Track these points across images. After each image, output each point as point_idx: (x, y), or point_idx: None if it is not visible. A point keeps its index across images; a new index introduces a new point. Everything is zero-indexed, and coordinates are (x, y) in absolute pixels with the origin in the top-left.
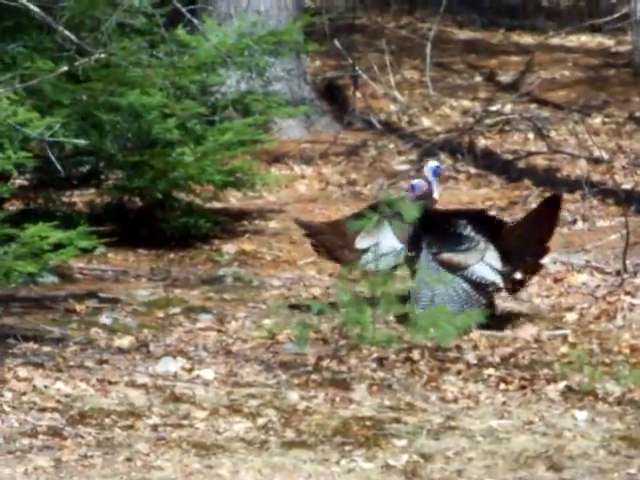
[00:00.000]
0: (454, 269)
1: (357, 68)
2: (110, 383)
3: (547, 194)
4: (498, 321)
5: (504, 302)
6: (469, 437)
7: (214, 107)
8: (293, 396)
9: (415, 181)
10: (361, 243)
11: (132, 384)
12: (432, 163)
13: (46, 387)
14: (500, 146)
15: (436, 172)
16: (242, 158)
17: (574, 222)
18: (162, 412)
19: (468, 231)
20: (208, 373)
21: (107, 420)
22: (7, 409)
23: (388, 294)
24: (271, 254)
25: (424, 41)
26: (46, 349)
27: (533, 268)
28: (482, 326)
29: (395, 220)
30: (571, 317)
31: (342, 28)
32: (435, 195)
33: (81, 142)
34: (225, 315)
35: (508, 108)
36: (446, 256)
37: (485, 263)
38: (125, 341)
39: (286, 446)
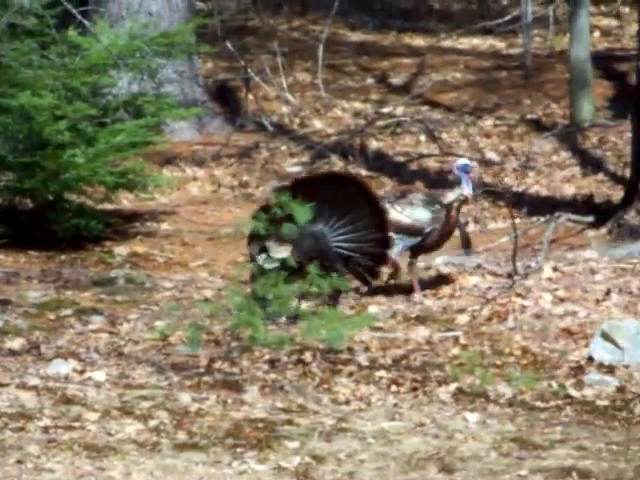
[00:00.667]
0: None
1: (249, 70)
2: (1, 385)
3: None
4: (389, 323)
5: (396, 304)
6: (361, 439)
7: (105, 109)
8: (185, 398)
9: (463, 161)
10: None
11: (23, 386)
12: (462, 160)
13: None
14: (392, 148)
15: (466, 169)
16: (134, 160)
17: (466, 224)
18: (53, 414)
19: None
20: (100, 375)
21: None
22: None
23: (280, 295)
24: (163, 256)
25: (316, 43)
26: None
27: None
28: (374, 328)
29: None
30: (463, 319)
31: (234, 30)
32: (466, 192)
33: None
34: (117, 317)
35: (400, 110)
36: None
37: None
38: (16, 343)
39: (178, 448)
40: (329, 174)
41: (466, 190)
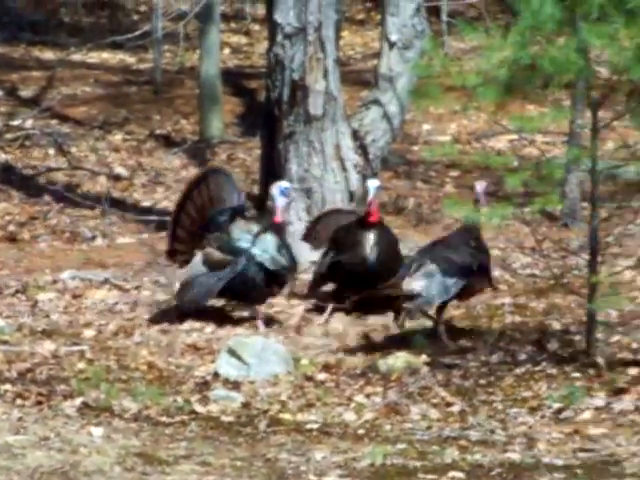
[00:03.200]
0: None
1: None
2: None
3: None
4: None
5: (22, 317)
6: None
7: None
8: None
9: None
10: None
11: None
12: (283, 184)
13: None
14: (20, 161)
15: (285, 193)
16: None
17: (93, 238)
18: None
19: None
20: None
21: None
22: None
23: None
24: None
25: None
26: None
27: None
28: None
29: None
30: (89, 333)
31: None
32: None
33: None
34: None
35: (29, 123)
36: None
37: None
38: None
39: None
40: None
41: (277, 217)
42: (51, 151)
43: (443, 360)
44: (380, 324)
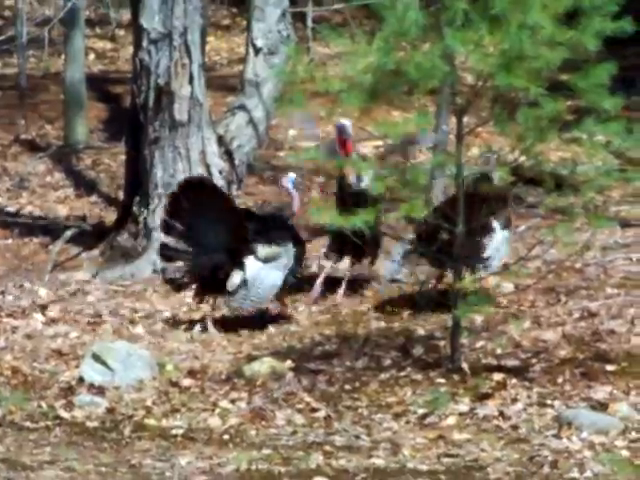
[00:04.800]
0: None
1: None
2: None
3: None
4: None
5: None
6: None
7: None
8: None
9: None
10: None
11: None
12: (291, 175)
13: None
14: None
15: (294, 183)
16: None
17: None
18: None
19: None
20: None
21: None
22: None
23: None
24: None
25: None
26: None
27: None
28: None
29: None
30: None
31: None
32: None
33: None
34: None
35: None
36: None
37: None
38: None
39: None
40: None
41: (296, 208)
42: None
43: (308, 365)
44: (245, 330)
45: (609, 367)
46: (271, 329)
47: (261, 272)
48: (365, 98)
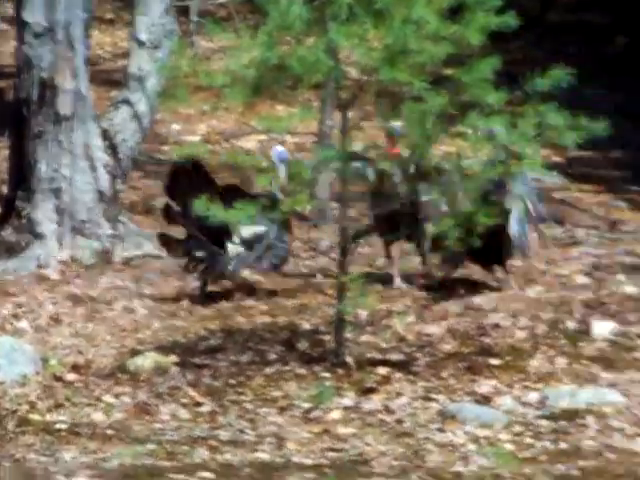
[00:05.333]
0: None
1: None
2: None
3: None
4: None
5: None
6: None
7: None
8: None
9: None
10: None
11: None
12: (278, 147)
13: None
14: None
15: (283, 156)
16: None
17: None
18: None
19: None
20: None
21: None
22: None
23: None
24: None
25: None
26: None
27: None
28: None
29: None
30: None
31: None
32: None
33: None
34: None
35: None
36: None
37: None
38: None
39: None
40: None
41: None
42: None
43: (193, 360)
44: (128, 324)
45: (493, 361)
46: (156, 325)
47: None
48: (249, 93)
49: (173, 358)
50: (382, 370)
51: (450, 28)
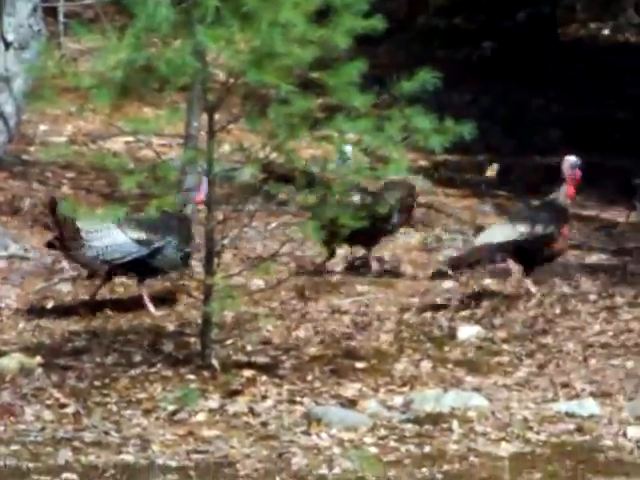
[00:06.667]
0: None
1: None
2: None
3: None
4: None
5: None
6: None
7: None
8: None
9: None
10: None
11: None
12: None
13: None
14: None
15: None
16: None
17: None
18: None
19: None
20: None
21: None
22: None
23: None
24: None
25: None
26: None
27: None
28: None
29: None
30: None
31: None
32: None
33: None
34: None
35: None
36: None
37: None
38: None
39: None
40: None
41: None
42: None
43: (58, 361)
44: None
45: (358, 364)
46: (21, 325)
47: None
48: (115, 94)
49: (38, 359)
50: (247, 372)
51: (317, 31)
